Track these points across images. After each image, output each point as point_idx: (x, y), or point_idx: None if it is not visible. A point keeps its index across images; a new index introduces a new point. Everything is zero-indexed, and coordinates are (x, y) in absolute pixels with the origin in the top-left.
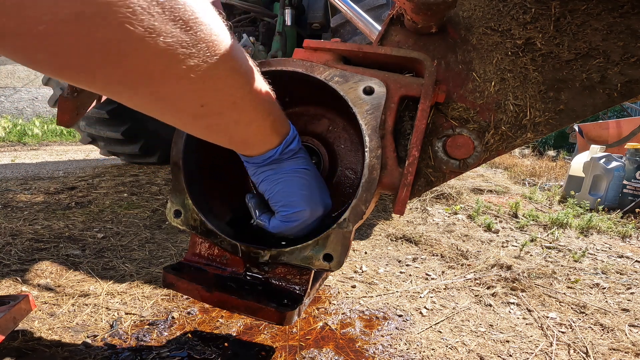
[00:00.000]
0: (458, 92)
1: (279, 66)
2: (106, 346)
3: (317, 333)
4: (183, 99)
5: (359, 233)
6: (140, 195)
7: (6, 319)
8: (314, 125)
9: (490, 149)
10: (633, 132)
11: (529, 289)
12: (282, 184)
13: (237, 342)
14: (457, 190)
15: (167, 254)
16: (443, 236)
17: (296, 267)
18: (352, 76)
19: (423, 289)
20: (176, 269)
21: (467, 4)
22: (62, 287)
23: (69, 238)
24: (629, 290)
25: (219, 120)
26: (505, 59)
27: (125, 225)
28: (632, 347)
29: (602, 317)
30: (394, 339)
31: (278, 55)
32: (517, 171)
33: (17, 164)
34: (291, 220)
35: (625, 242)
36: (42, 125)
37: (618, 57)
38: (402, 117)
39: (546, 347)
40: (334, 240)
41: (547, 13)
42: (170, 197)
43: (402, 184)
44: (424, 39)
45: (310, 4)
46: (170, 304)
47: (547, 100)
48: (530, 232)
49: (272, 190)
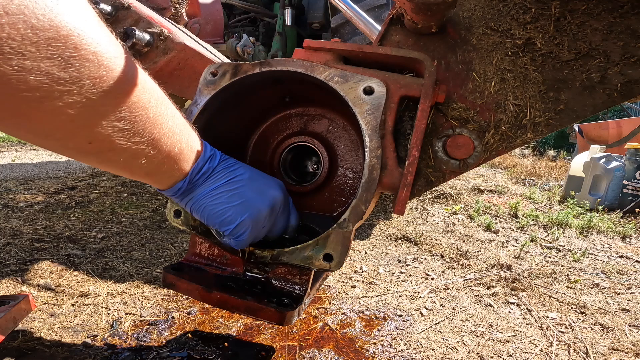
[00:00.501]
0: (458, 92)
1: (279, 66)
2: (106, 346)
3: (317, 333)
4: (66, 136)
5: (359, 233)
6: (140, 195)
7: (6, 319)
8: (314, 125)
9: (490, 149)
10: (633, 132)
11: (529, 289)
12: (209, 207)
13: (237, 342)
14: (457, 190)
15: (167, 254)
16: (443, 236)
17: (296, 267)
18: (352, 76)
19: (423, 289)
20: (176, 269)
21: (467, 4)
22: (62, 287)
23: (69, 238)
24: (629, 290)
25: (113, 157)
26: (505, 59)
27: (125, 225)
28: (632, 347)
29: (602, 317)
30: (394, 339)
31: (278, 55)
32: (517, 171)
33: (17, 164)
34: (239, 234)
35: (625, 242)
36: None
37: (618, 57)
38: (402, 117)
39: (546, 347)
40: (334, 240)
41: (547, 13)
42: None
43: (402, 184)
44: (424, 39)
45: (310, 4)
46: (170, 304)
47: (547, 100)
48: (530, 232)
49: (203, 216)
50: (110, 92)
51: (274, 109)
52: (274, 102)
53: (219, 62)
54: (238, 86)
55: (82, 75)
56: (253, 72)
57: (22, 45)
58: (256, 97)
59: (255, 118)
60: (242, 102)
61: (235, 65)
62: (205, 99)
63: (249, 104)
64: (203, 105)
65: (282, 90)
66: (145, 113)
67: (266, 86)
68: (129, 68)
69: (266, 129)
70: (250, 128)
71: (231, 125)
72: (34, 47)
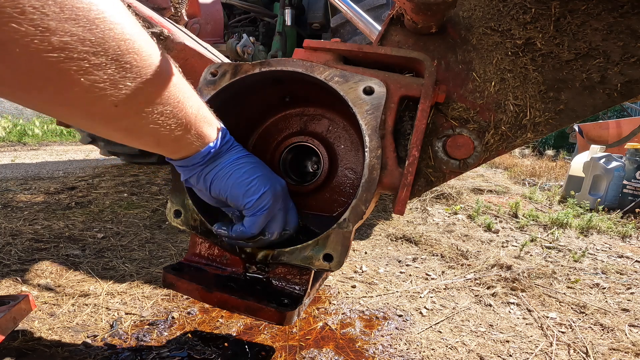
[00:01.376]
0: (458, 92)
1: (279, 66)
2: (106, 346)
3: (317, 333)
4: (91, 101)
5: (359, 233)
6: (140, 195)
7: (6, 319)
8: (314, 125)
9: (490, 149)
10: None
11: (529, 289)
12: (235, 175)
13: (237, 342)
14: (457, 190)
15: (167, 254)
16: (443, 236)
17: (296, 267)
18: (352, 76)
19: (423, 289)
20: (176, 269)
21: (467, 4)
22: (62, 287)
23: (69, 238)
24: (629, 290)
25: (139, 121)
26: (505, 59)
27: (125, 225)
28: (632, 347)
29: (602, 317)
30: (394, 339)
31: (278, 55)
32: (517, 171)
33: (17, 164)
34: (259, 207)
35: (625, 242)
36: (42, 125)
37: (618, 57)
38: (402, 117)
39: (546, 347)
40: (334, 240)
41: (547, 13)
42: (170, 197)
43: (402, 184)
44: (424, 39)
45: (310, 4)
46: (170, 304)
47: (547, 100)
48: (530, 232)
49: (227, 185)
50: (137, 55)
51: (274, 108)
52: (274, 102)
53: (219, 62)
54: (238, 86)
55: (106, 37)
56: (253, 72)
57: (45, 5)
58: (256, 97)
59: (255, 118)
60: (242, 102)
61: (235, 65)
62: (205, 98)
63: (249, 104)
64: None
65: (282, 90)
66: (170, 75)
67: (266, 86)
68: (147, 36)
69: (266, 129)
70: (250, 128)
71: (231, 125)
72: (58, 7)
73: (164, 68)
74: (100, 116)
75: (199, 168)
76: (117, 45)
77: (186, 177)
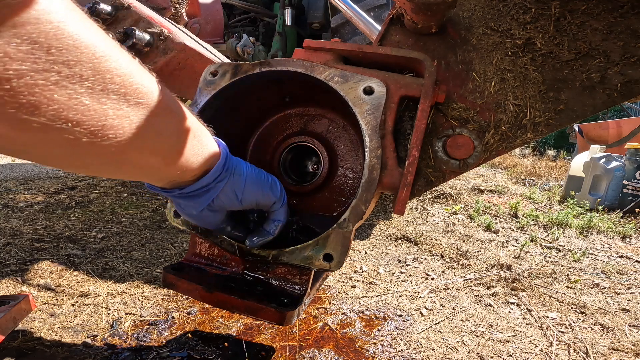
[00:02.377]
0: (458, 92)
1: (279, 66)
2: (106, 346)
3: (317, 333)
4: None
5: (359, 233)
6: (140, 195)
7: (6, 319)
8: (314, 125)
9: (490, 149)
10: (633, 132)
11: (529, 289)
12: (252, 176)
13: (237, 342)
14: (457, 190)
15: (167, 254)
16: (443, 236)
17: (296, 267)
18: (352, 76)
19: (423, 289)
20: (176, 269)
21: (467, 4)
22: (62, 287)
23: (69, 238)
24: (629, 290)
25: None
26: (505, 59)
27: (125, 225)
28: (632, 347)
29: (602, 317)
30: (394, 339)
31: (278, 55)
32: (517, 171)
33: (17, 164)
34: (285, 195)
35: (625, 242)
36: None
37: (618, 57)
38: (402, 117)
39: (546, 347)
40: (334, 240)
41: (547, 13)
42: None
43: (402, 184)
44: (424, 39)
45: (310, 4)
46: (170, 304)
47: (547, 100)
48: (530, 232)
49: (256, 188)
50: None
51: (274, 108)
52: (274, 102)
53: (219, 62)
54: (238, 86)
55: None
56: (253, 72)
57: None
58: (256, 97)
59: (255, 118)
60: (242, 102)
61: (235, 65)
62: (205, 99)
63: (249, 104)
64: (203, 105)
65: (282, 90)
66: (168, 107)
67: (266, 86)
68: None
69: (266, 129)
70: (250, 128)
71: (231, 125)
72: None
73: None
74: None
75: (222, 175)
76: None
77: (207, 201)
